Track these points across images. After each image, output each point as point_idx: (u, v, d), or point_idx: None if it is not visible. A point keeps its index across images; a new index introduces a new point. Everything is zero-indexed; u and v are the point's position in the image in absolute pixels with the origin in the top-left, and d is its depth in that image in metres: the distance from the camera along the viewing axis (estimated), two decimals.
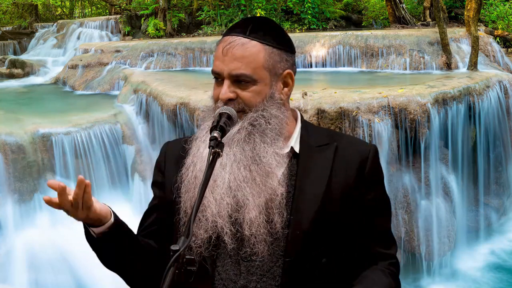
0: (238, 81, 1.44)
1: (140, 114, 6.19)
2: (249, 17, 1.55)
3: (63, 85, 8.86)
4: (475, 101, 5.43)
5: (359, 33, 7.94)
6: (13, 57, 11.18)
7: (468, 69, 6.63)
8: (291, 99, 1.57)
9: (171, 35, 11.03)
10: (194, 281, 1.34)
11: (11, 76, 10.09)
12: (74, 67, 8.94)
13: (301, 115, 1.60)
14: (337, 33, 8.17)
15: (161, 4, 11.26)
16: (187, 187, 1.45)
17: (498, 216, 5.83)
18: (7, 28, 15.24)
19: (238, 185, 1.42)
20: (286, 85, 1.52)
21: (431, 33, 7.42)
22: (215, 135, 1.33)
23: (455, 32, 7.47)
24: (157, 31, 10.97)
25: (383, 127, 4.79)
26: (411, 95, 4.97)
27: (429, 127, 4.95)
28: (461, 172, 5.41)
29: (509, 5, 9.43)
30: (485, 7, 9.46)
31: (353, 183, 1.49)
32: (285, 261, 1.42)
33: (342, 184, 1.48)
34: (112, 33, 12.02)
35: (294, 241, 1.42)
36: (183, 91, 5.84)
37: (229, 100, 1.44)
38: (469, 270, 5.11)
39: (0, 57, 11.43)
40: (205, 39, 9.04)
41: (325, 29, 10.68)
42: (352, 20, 12.10)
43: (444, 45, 6.95)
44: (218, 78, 1.48)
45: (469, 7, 6.94)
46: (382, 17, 11.36)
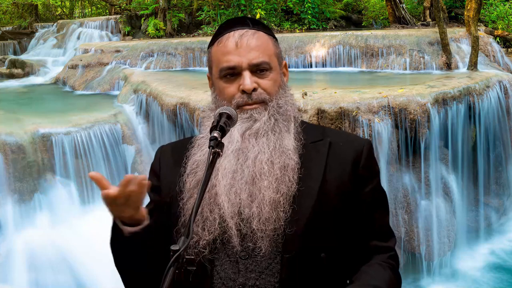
0: (257, 70, 1.46)
1: (140, 114, 6.19)
2: (235, 17, 1.57)
3: (63, 85, 8.86)
4: (475, 101, 5.43)
5: (359, 33, 7.94)
6: (13, 57, 11.19)
7: (468, 69, 6.63)
8: (294, 100, 1.59)
9: (171, 35, 11.03)
10: (193, 281, 1.34)
11: (11, 76, 10.09)
12: (74, 67, 8.94)
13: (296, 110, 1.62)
14: (337, 33, 8.17)
15: (161, 4, 11.26)
16: (191, 192, 1.44)
17: (498, 216, 5.83)
18: (7, 28, 15.24)
19: (258, 178, 1.41)
20: (284, 74, 1.57)
21: (431, 33, 7.42)
22: (215, 135, 1.32)
23: (455, 32, 7.47)
24: (157, 31, 10.97)
25: (383, 127, 4.79)
26: (411, 95, 4.97)
27: (429, 127, 4.95)
28: (461, 172, 5.41)
29: (509, 5, 9.43)
30: (485, 7, 9.46)
31: (348, 177, 1.49)
32: (283, 258, 1.42)
33: (337, 179, 1.48)
34: (112, 33, 12.02)
35: (292, 237, 1.41)
36: (183, 91, 5.84)
37: (252, 91, 1.45)
38: (469, 270, 5.11)
39: (0, 57, 11.43)
40: (205, 39, 9.04)
41: (325, 29, 10.68)
42: (352, 20, 12.10)
43: (444, 45, 6.95)
44: (231, 75, 1.47)
45: (469, 7, 6.94)
46: (382, 17, 11.36)
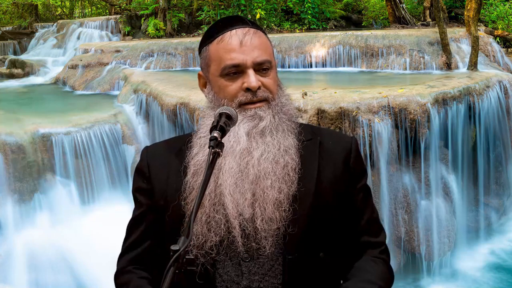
0: (260, 69, 1.46)
1: (140, 114, 6.19)
2: (230, 15, 1.56)
3: (63, 85, 8.86)
4: (475, 101, 5.43)
5: (359, 33, 7.94)
6: (13, 57, 11.18)
7: (468, 69, 6.63)
8: (291, 99, 1.59)
9: (171, 35, 11.03)
10: (196, 284, 1.33)
11: (11, 76, 10.08)
12: (74, 67, 8.94)
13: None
14: (337, 33, 8.17)
15: (161, 4, 11.25)
16: (194, 195, 1.43)
17: (498, 216, 5.82)
18: (7, 28, 15.24)
19: (262, 178, 1.41)
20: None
21: (431, 33, 7.42)
22: (215, 135, 1.32)
23: (455, 32, 7.47)
24: (157, 31, 10.97)
25: (383, 127, 4.79)
26: (411, 95, 4.97)
27: (429, 127, 4.95)
28: (461, 172, 5.41)
29: (509, 5, 9.43)
30: (485, 7, 9.46)
31: (340, 175, 1.50)
32: (285, 259, 1.42)
33: (330, 177, 1.49)
34: (112, 33, 12.02)
35: (293, 237, 1.41)
36: (183, 91, 5.83)
37: (257, 89, 1.45)
38: (469, 270, 5.11)
39: (0, 57, 11.43)
40: None
41: (325, 29, 10.68)
42: (352, 20, 12.10)
43: (444, 45, 6.95)
44: (234, 73, 1.46)
45: (469, 7, 6.94)
46: (382, 17, 11.36)
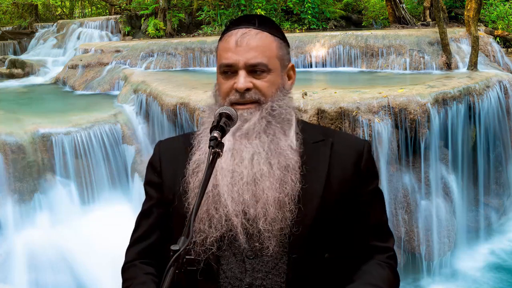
0: (254, 71, 1.45)
1: (140, 114, 6.19)
2: (249, 14, 1.56)
3: (63, 85, 8.86)
4: (475, 101, 5.43)
5: (359, 33, 7.94)
6: (13, 57, 11.18)
7: (468, 69, 6.63)
8: (292, 102, 1.58)
9: (171, 35, 11.03)
10: (199, 280, 1.34)
11: (11, 76, 10.09)
12: (74, 67, 8.94)
13: (294, 113, 1.61)
14: (337, 33, 8.17)
15: (161, 4, 11.25)
16: (195, 192, 1.44)
17: (498, 216, 5.82)
18: (7, 28, 15.24)
19: (258, 180, 1.41)
20: (289, 77, 1.56)
21: (431, 33, 7.42)
22: (215, 135, 1.32)
23: (455, 32, 7.47)
24: (157, 31, 10.97)
25: (383, 127, 4.79)
26: (411, 95, 4.97)
27: (429, 127, 4.95)
28: (461, 172, 5.41)
29: (509, 5, 9.43)
30: (485, 7, 9.46)
31: (350, 178, 1.50)
32: (290, 258, 1.42)
33: (340, 179, 1.49)
34: (112, 33, 12.02)
35: (298, 237, 1.42)
36: (183, 91, 5.83)
37: (246, 91, 1.45)
38: (469, 270, 5.11)
39: (0, 57, 11.43)
40: (205, 39, 9.04)
41: (325, 29, 10.68)
42: (352, 20, 12.09)
43: (444, 45, 6.95)
44: (228, 72, 1.47)
45: (469, 7, 6.94)
46: (382, 17, 11.35)
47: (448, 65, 6.88)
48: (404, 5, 10.14)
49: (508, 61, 7.54)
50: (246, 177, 1.41)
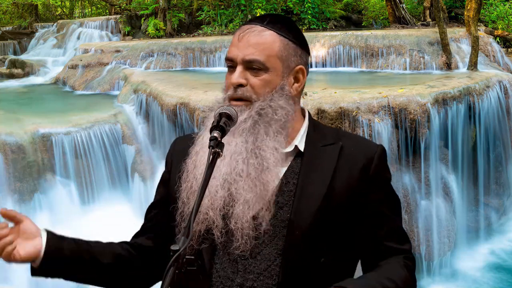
0: (251, 67, 1.44)
1: (140, 114, 6.19)
2: (268, 13, 1.56)
3: (63, 85, 8.86)
4: (475, 101, 5.43)
5: (359, 33, 7.94)
6: (13, 57, 11.19)
7: (468, 69, 6.63)
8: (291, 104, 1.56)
9: (171, 35, 11.03)
10: (192, 279, 1.34)
11: (11, 76, 10.09)
12: (74, 67, 8.94)
13: (309, 114, 1.60)
14: (337, 33, 8.17)
15: (161, 4, 11.26)
16: (188, 191, 1.44)
17: (498, 216, 5.83)
18: (7, 28, 15.24)
19: (234, 179, 1.41)
20: (297, 80, 1.53)
21: (431, 33, 7.42)
22: (215, 135, 1.32)
23: (455, 32, 7.47)
24: (157, 31, 10.97)
25: (383, 127, 4.79)
26: (411, 95, 4.97)
27: (429, 127, 4.95)
28: (461, 172, 5.41)
29: (509, 5, 9.43)
30: (485, 7, 9.46)
31: (356, 184, 1.46)
32: (283, 260, 1.41)
33: (345, 184, 1.46)
34: (112, 33, 12.03)
35: (292, 240, 1.41)
36: (183, 91, 5.84)
37: (239, 86, 1.44)
38: (469, 270, 5.11)
39: (0, 57, 11.43)
40: (205, 39, 9.04)
41: (325, 29, 10.68)
42: (352, 20, 12.09)
43: (444, 45, 6.95)
44: (231, 66, 1.47)
45: (469, 7, 6.94)
46: (382, 17, 11.35)
47: (448, 65, 6.88)
48: (404, 5, 10.14)
49: (508, 61, 7.55)
50: (224, 174, 1.41)
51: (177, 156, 1.59)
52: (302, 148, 1.50)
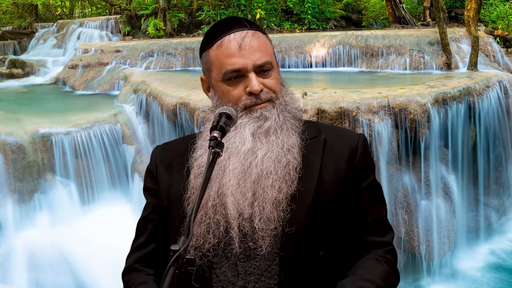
0: (262, 71, 1.46)
1: (140, 114, 6.19)
2: (228, 17, 1.56)
3: (63, 85, 8.86)
4: (475, 101, 5.43)
5: (359, 33, 7.94)
6: (13, 57, 11.18)
7: (468, 69, 6.63)
8: (294, 96, 1.59)
9: (171, 35, 11.03)
10: (192, 285, 1.33)
11: (11, 76, 10.08)
12: (74, 67, 8.94)
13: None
14: (337, 33, 8.17)
15: (161, 4, 11.25)
16: (196, 196, 1.42)
17: (498, 216, 5.82)
18: (7, 28, 15.23)
19: (264, 177, 1.40)
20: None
21: (431, 33, 7.42)
22: (215, 135, 1.31)
23: (455, 32, 7.47)
24: (157, 31, 10.97)
25: (383, 127, 4.79)
26: (411, 95, 4.97)
27: (429, 127, 4.95)
28: (461, 172, 5.41)
29: (509, 5, 9.43)
30: (485, 7, 9.46)
31: (344, 174, 1.48)
32: (281, 259, 1.41)
33: (333, 176, 1.47)
34: (112, 33, 12.02)
35: (289, 237, 1.40)
36: (183, 91, 5.83)
37: (260, 92, 1.45)
38: (469, 270, 5.11)
39: (0, 57, 11.43)
40: None
41: (325, 29, 10.68)
42: (352, 20, 12.09)
43: (444, 45, 6.95)
44: (236, 77, 1.46)
45: (469, 7, 6.94)
46: (382, 17, 11.35)
47: (448, 65, 6.88)
48: (404, 5, 10.14)
49: (508, 61, 7.54)
50: (254, 175, 1.40)
51: (161, 166, 1.58)
52: (299, 143, 1.50)
